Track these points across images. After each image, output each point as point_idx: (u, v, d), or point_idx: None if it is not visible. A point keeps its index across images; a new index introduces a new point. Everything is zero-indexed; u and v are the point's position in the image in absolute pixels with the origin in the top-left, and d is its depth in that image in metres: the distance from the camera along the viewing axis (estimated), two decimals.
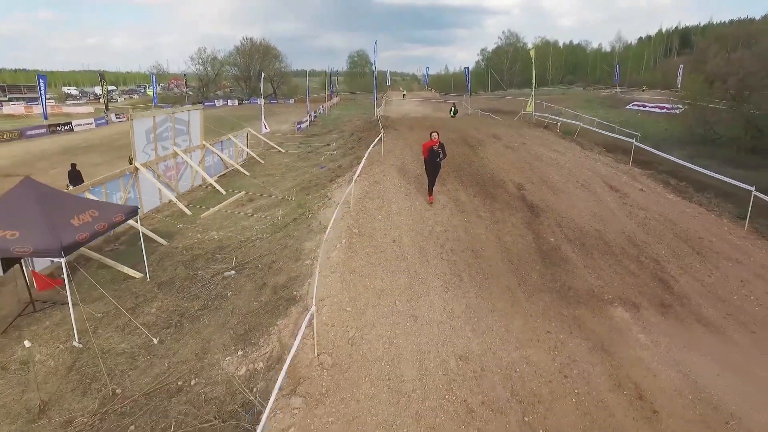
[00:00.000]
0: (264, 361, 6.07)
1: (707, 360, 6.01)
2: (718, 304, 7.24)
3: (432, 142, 10.54)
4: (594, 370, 5.78)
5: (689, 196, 11.85)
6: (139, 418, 5.88)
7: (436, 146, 10.47)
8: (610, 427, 4.98)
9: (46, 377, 7.25)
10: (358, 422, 4.94)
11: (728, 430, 4.93)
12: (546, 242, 8.87)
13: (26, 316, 9.19)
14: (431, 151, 10.52)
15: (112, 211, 9.64)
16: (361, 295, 7.14)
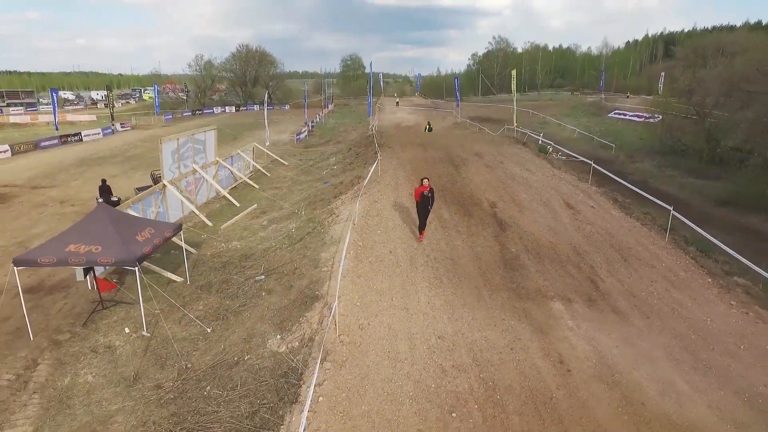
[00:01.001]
0: (298, 341, 8.51)
1: (611, 337, 8.53)
2: (629, 298, 9.78)
3: (423, 188, 11.47)
4: (531, 345, 8.27)
5: (630, 212, 14.40)
6: (211, 382, 8.28)
7: (426, 191, 11.42)
8: (537, 380, 7.46)
9: (129, 357, 9.62)
10: (368, 378, 7.39)
11: (613, 380, 7.44)
12: (509, 252, 11.39)
13: (97, 312, 11.54)
14: (422, 195, 11.46)
15: (163, 228, 12.02)
16: (366, 294, 9.60)
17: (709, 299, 9.90)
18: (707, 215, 22.81)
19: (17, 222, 19.44)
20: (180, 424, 7.29)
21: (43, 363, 9.63)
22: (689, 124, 33.92)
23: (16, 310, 11.45)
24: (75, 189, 25.30)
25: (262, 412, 7.06)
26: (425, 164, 18.73)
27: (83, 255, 10.01)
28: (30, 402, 8.39)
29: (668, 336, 8.68)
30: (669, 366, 7.89)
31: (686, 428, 6.67)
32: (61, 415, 7.95)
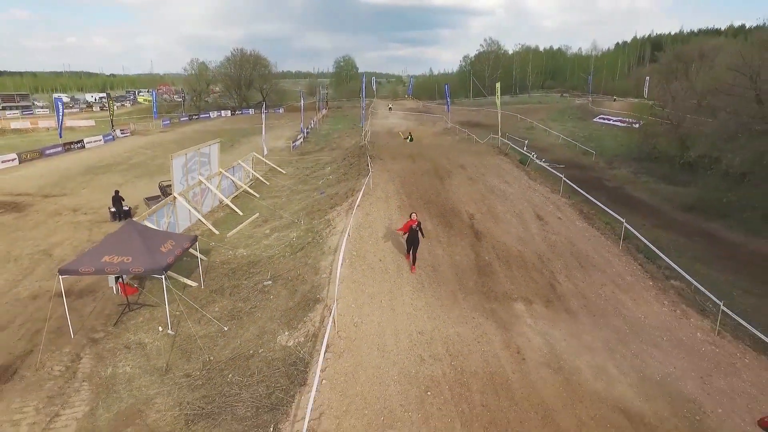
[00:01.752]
0: (304, 336, 10.28)
1: (561, 332, 10.39)
2: (581, 299, 11.65)
3: (411, 222, 12.27)
4: (495, 339, 10.11)
5: (593, 222, 16.27)
6: (232, 371, 10.03)
7: (415, 225, 12.20)
8: (497, 367, 9.28)
9: (159, 352, 11.34)
10: (361, 366, 9.18)
11: (559, 366, 9.29)
12: (482, 260, 13.24)
13: (125, 313, 13.23)
14: (411, 229, 12.24)
15: (182, 240, 13.74)
16: (359, 297, 11.39)
17: (647, 300, 11.80)
18: (672, 221, 24.84)
19: (36, 231, 20.96)
20: (210, 404, 9.06)
21: (86, 357, 11.33)
22: (664, 132, 35.95)
23: (53, 312, 13.13)
24: (85, 198, 26.79)
25: (276, 393, 8.84)
26: (413, 177, 20.56)
27: (117, 265, 11.72)
28: (81, 388, 10.11)
29: (608, 331, 10.56)
30: (604, 355, 9.76)
31: (611, 402, 8.53)
32: (110, 398, 9.68)
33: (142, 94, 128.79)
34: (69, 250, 18.58)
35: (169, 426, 8.73)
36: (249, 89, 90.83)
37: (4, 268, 16.71)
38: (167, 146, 44.14)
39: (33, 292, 14.86)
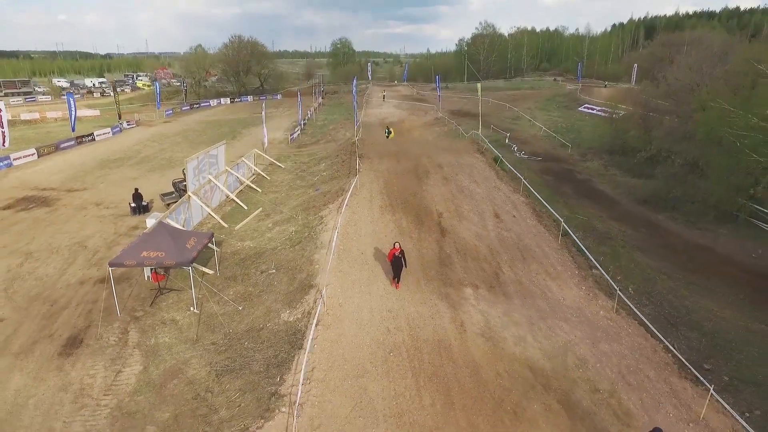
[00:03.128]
0: (301, 314, 13.57)
1: (497, 311, 13.68)
2: (517, 285, 14.93)
3: (395, 250, 13.95)
4: (445, 315, 13.40)
5: (542, 220, 19.46)
6: (247, 340, 13.32)
7: (398, 253, 13.88)
8: (444, 335, 12.57)
9: (188, 327, 14.61)
10: (343, 335, 12.48)
11: (490, 336, 12.60)
12: (444, 253, 16.47)
13: (157, 296, 16.46)
14: (394, 257, 13.93)
15: (202, 237, 16.90)
16: (344, 283, 14.65)
17: (569, 285, 15.09)
18: (627, 213, 28.00)
19: (68, 225, 24.03)
20: (232, 363, 12.38)
21: (132, 330, 14.61)
22: (633, 125, 38.82)
23: (98, 296, 16.39)
24: (104, 192, 29.78)
25: (281, 354, 12.16)
26: (396, 177, 23.66)
27: (154, 259, 14.92)
28: (133, 353, 13.42)
29: (533, 310, 13.86)
30: (526, 328, 13.08)
31: (522, 361, 11.86)
32: (156, 360, 12.99)
33: (141, 78, 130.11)
34: (100, 242, 21.73)
35: (204, 378, 12.06)
36: (247, 75, 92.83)
37: (50, 258, 19.88)
38: (173, 139, 47.01)
39: (79, 278, 18.08)
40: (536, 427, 10.08)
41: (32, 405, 11.47)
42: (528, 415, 10.38)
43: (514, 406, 10.58)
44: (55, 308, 15.93)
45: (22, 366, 12.81)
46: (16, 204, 27.27)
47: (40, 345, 13.84)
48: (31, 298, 16.53)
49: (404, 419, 10.12)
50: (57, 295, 16.82)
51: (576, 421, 10.30)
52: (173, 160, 37.86)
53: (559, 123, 52.88)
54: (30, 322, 15.01)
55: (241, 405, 10.93)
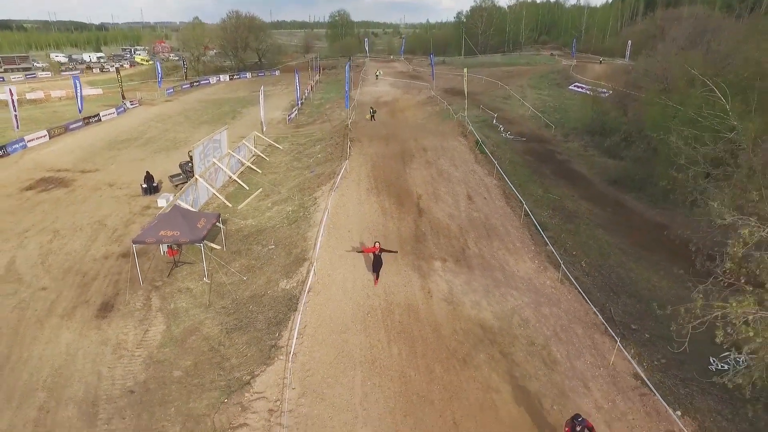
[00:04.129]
0: (296, 282, 16.24)
1: (460, 280, 16.34)
2: (480, 259, 17.54)
3: (374, 249, 15.56)
4: (416, 284, 16.07)
5: (509, 202, 21.92)
6: (251, 305, 16.02)
7: (377, 252, 15.52)
8: (413, 300, 15.26)
9: (201, 294, 17.30)
10: (330, 300, 15.18)
11: (452, 300, 15.29)
12: (420, 231, 19.04)
13: (172, 270, 19.08)
14: (375, 255, 15.60)
15: (211, 217, 19.43)
16: (332, 256, 17.27)
17: (525, 260, 17.71)
18: (598, 193, 30.42)
19: (86, 205, 26.46)
20: (239, 322, 15.11)
21: (154, 297, 17.32)
22: (612, 106, 40.79)
23: (122, 268, 19.07)
24: (116, 173, 32.09)
25: (279, 315, 14.89)
26: (383, 161, 26.03)
27: (171, 237, 17.51)
28: (157, 315, 16.15)
29: (490, 280, 16.52)
30: (482, 294, 15.77)
31: (476, 321, 14.58)
32: (176, 321, 15.72)
33: (139, 53, 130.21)
34: (117, 220, 24.26)
35: (217, 335, 14.81)
36: (245, 51, 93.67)
37: (75, 235, 22.46)
38: (175, 119, 48.99)
39: (103, 253, 20.69)
40: (480, 371, 12.86)
41: (81, 355, 14.26)
42: (475, 362, 13.15)
43: (465, 355, 13.34)
44: (87, 279, 18.60)
45: (67, 325, 15.57)
46: (36, 185, 29.65)
47: (79, 309, 16.57)
48: (65, 270, 19.19)
49: (376, 364, 12.89)
50: (86, 267, 19.47)
51: (512, 367, 13.07)
52: (177, 141, 40.04)
53: (548, 102, 54.58)
54: (68, 290, 17.71)
55: (248, 355, 13.71)
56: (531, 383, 12.61)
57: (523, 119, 47.86)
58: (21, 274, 18.85)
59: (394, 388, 12.29)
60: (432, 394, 12.14)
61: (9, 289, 17.73)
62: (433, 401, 11.97)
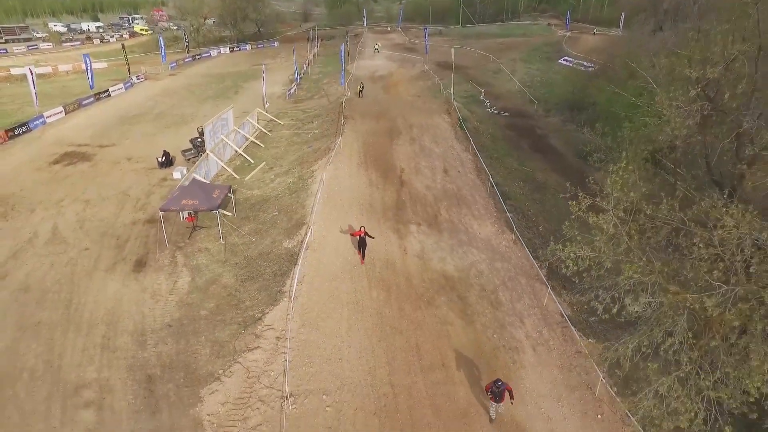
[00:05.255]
0: (296, 242, 19.81)
1: (431, 241, 19.88)
2: (449, 224, 21.02)
3: (360, 232, 17.80)
4: (394, 243, 19.63)
5: (480, 175, 25.20)
6: (260, 261, 19.61)
7: (362, 234, 17.73)
8: (392, 256, 18.84)
9: (217, 252, 20.89)
10: (324, 256, 18.77)
11: (423, 256, 18.87)
12: (401, 200, 22.47)
13: (192, 233, 22.60)
14: (360, 238, 17.84)
15: (223, 188, 22.82)
16: (326, 221, 20.78)
17: (486, 224, 21.19)
18: (566, 166, 33.58)
19: (110, 177, 29.70)
20: (251, 274, 18.74)
21: (178, 255, 20.90)
22: (591, 82, 43.38)
23: (148, 232, 22.61)
24: (131, 148, 35.09)
25: (283, 268, 18.51)
26: (373, 138, 29.20)
27: (191, 205, 20.97)
28: (183, 270, 19.77)
29: (456, 240, 20.05)
30: (448, 252, 19.33)
31: (440, 272, 18.19)
32: (199, 274, 19.36)
33: (137, 22, 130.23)
34: (139, 191, 27.61)
35: (233, 284, 18.46)
36: (244, 21, 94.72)
37: (103, 204, 25.86)
38: (181, 94, 51.61)
39: (131, 220, 24.16)
40: (440, 310, 16.55)
41: (126, 300, 17.97)
42: (436, 303, 16.84)
43: (429, 298, 17.02)
44: (121, 241, 22.17)
45: (111, 278, 19.25)
46: (61, 159, 32.86)
47: (118, 265, 20.20)
48: (101, 234, 22.73)
49: (359, 304, 16.57)
50: (119, 232, 23.00)
51: (466, 307, 16.76)
52: (185, 116, 42.93)
53: (536, 77, 56.87)
54: (106, 250, 21.31)
55: (259, 298, 17.40)
56: (479, 319, 16.32)
57: (510, 94, 50.49)
58: (65, 237, 22.41)
59: (372, 321, 16.00)
60: (401, 326, 15.87)
61: (59, 249, 21.34)
62: (402, 331, 15.70)
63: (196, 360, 15.19)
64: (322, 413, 13.18)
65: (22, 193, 27.00)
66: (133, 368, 15.00)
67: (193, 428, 13.09)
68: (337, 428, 12.82)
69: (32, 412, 13.44)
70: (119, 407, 13.72)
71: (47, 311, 17.39)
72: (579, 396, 13.90)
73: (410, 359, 14.76)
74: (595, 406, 13.60)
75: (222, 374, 14.52)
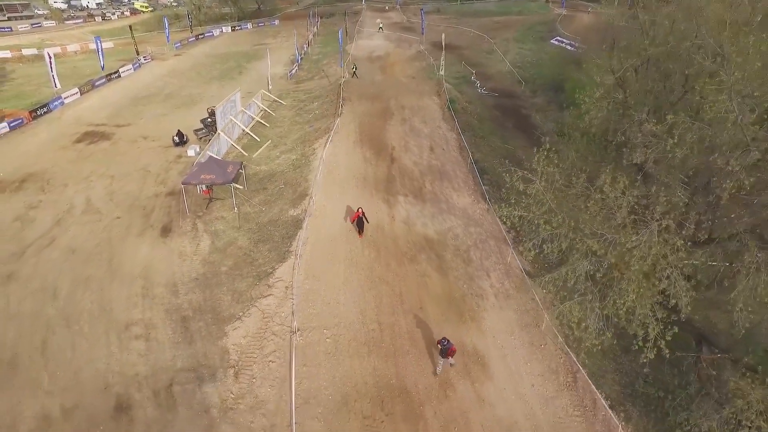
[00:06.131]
0: (301, 210, 23.12)
1: (416, 209, 23.18)
2: (432, 195, 24.26)
3: (357, 214, 20.50)
4: (384, 211, 22.95)
5: (462, 152, 28.28)
6: (270, 227, 22.94)
7: (360, 215, 20.46)
8: (381, 221, 22.17)
9: (233, 220, 24.21)
10: (323, 221, 22.10)
11: (408, 222, 22.20)
12: (391, 174, 25.68)
13: (209, 204, 25.86)
14: (358, 218, 20.50)
15: (236, 165, 25.99)
16: (326, 192, 24.06)
17: (464, 195, 24.44)
18: None
19: (128, 156, 32.75)
20: (262, 236, 22.12)
21: (198, 223, 24.22)
22: (573, 61, 45.83)
23: (170, 203, 25.88)
24: (146, 127, 37.98)
25: (290, 231, 21.87)
26: (369, 119, 32.19)
27: (209, 179, 24.21)
28: (203, 235, 23.12)
29: (437, 209, 23.35)
30: (430, 219, 22.64)
31: (422, 236, 21.56)
32: (218, 238, 22.72)
33: None
34: (158, 167, 30.75)
35: (247, 245, 21.83)
36: None
37: (128, 179, 29.02)
38: (187, 75, 54.15)
39: (154, 193, 27.38)
40: (420, 265, 19.96)
41: (157, 259, 21.39)
42: (418, 259, 20.24)
43: (412, 255, 20.42)
44: (147, 211, 25.46)
45: (143, 242, 22.63)
46: (83, 138, 35.87)
47: (147, 231, 23.56)
48: (129, 205, 26.01)
49: (353, 260, 19.99)
50: (144, 203, 26.27)
51: (442, 263, 20.17)
52: (193, 96, 45.71)
53: (527, 57, 59.00)
54: (135, 219, 24.64)
55: (269, 257, 20.80)
56: (452, 273, 19.76)
57: (500, 75, 52.89)
58: (98, 208, 25.73)
59: (364, 274, 19.44)
60: (388, 278, 19.31)
61: (94, 218, 24.68)
62: (388, 282, 19.15)
63: (220, 305, 18.69)
64: (322, 343, 16.72)
65: (53, 170, 30.18)
66: (169, 311, 18.52)
67: (221, 355, 16.65)
68: (335, 354, 16.37)
69: (96, 342, 17.02)
70: (162, 339, 17.28)
71: (93, 268, 20.85)
72: (528, 331, 17.43)
73: (394, 303, 18.24)
74: (540, 338, 17.14)
75: (242, 315, 18.03)
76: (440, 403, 14.91)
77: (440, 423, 14.40)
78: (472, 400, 15.07)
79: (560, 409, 14.92)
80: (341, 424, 14.33)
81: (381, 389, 15.20)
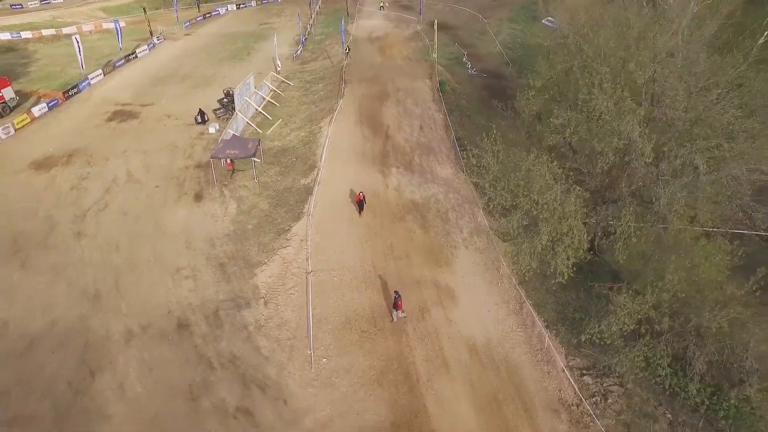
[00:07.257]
0: (310, 179, 27.91)
1: (406, 179, 27.93)
2: (419, 167, 28.94)
3: (359, 197, 24.32)
4: (379, 181, 27.74)
5: (447, 131, 32.79)
6: (286, 194, 27.77)
7: (362, 198, 24.27)
8: (377, 188, 26.98)
9: (254, 188, 29.00)
10: (330, 190, 26.91)
11: (399, 189, 27.03)
12: (386, 150, 30.33)
13: (233, 175, 30.59)
14: (359, 200, 24.42)
15: (255, 141, 30.61)
16: (332, 164, 28.81)
17: (447, 167, 29.13)
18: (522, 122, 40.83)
19: (155, 133, 37.18)
20: (280, 201, 27.00)
21: (225, 191, 29.02)
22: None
23: (198, 174, 30.65)
24: (168, 107, 42.18)
25: (302, 197, 26.74)
26: (367, 101, 36.58)
27: (234, 154, 28.92)
28: (230, 201, 27.94)
29: (423, 179, 28.11)
30: (417, 186, 27.44)
31: (411, 200, 26.42)
32: (242, 203, 27.57)
33: None
34: (184, 143, 35.33)
35: (267, 208, 26.71)
36: None
37: (159, 154, 33.63)
38: (199, 55, 57.90)
39: (184, 165, 32.05)
40: (408, 223, 24.88)
41: (193, 220, 26.32)
42: (406, 219, 25.16)
43: (401, 216, 25.33)
44: (180, 181, 30.24)
45: (180, 206, 27.53)
46: (113, 117, 40.30)
47: (182, 198, 28.41)
48: (164, 176, 30.75)
49: (354, 220, 24.91)
50: (176, 174, 31.01)
51: (425, 222, 25.07)
52: (207, 77, 49.76)
53: (517, 38, 62.31)
54: (171, 187, 29.45)
55: (286, 217, 25.70)
56: (432, 229, 24.69)
57: (490, 56, 56.56)
58: (138, 179, 30.52)
59: (363, 231, 24.39)
60: (382, 233, 24.25)
61: (137, 187, 29.52)
62: (382, 236, 24.10)
63: (249, 254, 23.70)
64: (330, 281, 21.78)
65: (94, 145, 34.82)
66: (209, 259, 23.56)
67: (253, 290, 21.75)
68: (340, 288, 21.45)
69: (155, 282, 22.14)
70: (206, 279, 22.38)
71: (143, 227, 25.82)
72: (490, 273, 22.46)
73: (386, 252, 23.23)
74: (498, 278, 22.18)
75: (267, 261, 23.06)
76: (418, 322, 20.03)
77: (418, 336, 19.54)
78: (442, 321, 20.19)
79: (508, 327, 20.04)
80: (345, 335, 19.48)
81: (374, 312, 20.33)
